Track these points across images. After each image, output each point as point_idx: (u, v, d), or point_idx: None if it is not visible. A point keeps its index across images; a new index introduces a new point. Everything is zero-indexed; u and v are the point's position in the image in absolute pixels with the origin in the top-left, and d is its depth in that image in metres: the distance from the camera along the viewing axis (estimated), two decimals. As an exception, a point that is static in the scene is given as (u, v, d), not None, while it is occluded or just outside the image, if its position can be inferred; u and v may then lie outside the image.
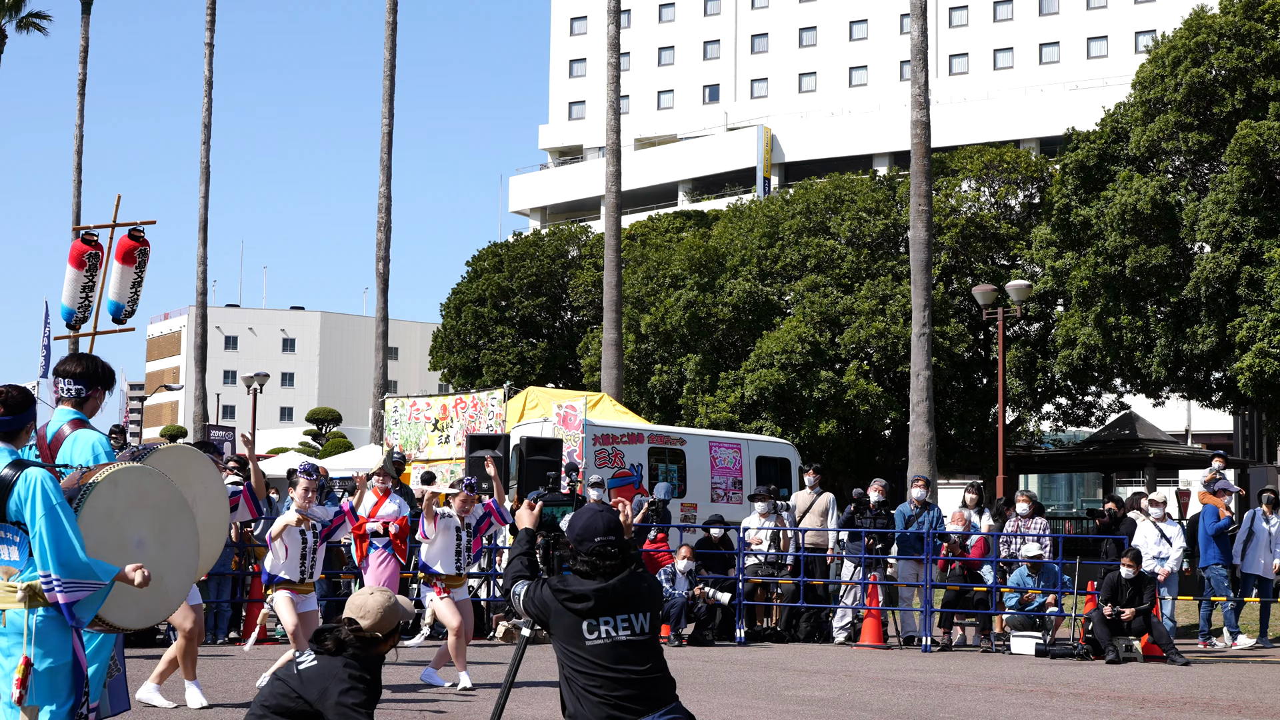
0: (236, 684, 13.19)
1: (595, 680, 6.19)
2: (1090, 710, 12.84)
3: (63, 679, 6.47)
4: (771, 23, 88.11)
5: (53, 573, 6.28)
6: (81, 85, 49.70)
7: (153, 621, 7.30)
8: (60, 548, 6.28)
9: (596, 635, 6.22)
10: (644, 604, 6.34)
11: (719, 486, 25.04)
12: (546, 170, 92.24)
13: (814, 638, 19.89)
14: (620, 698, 6.17)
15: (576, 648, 6.22)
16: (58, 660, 6.44)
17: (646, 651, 6.30)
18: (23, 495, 6.34)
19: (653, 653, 6.35)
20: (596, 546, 6.30)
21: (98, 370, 7.52)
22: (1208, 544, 19.84)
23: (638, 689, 6.23)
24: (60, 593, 6.30)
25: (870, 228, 40.01)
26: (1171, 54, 32.02)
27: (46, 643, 6.40)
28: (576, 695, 6.23)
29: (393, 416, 24.30)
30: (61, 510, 6.34)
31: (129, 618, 6.80)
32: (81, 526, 6.47)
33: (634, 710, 6.19)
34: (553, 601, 6.28)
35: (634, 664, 6.25)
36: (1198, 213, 31.06)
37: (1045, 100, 73.26)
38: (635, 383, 40.94)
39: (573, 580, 6.30)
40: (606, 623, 6.23)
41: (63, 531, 6.30)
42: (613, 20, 34.56)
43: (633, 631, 6.26)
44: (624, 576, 6.34)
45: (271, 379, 69.62)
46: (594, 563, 6.29)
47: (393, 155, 37.66)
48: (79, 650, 6.56)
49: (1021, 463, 41.90)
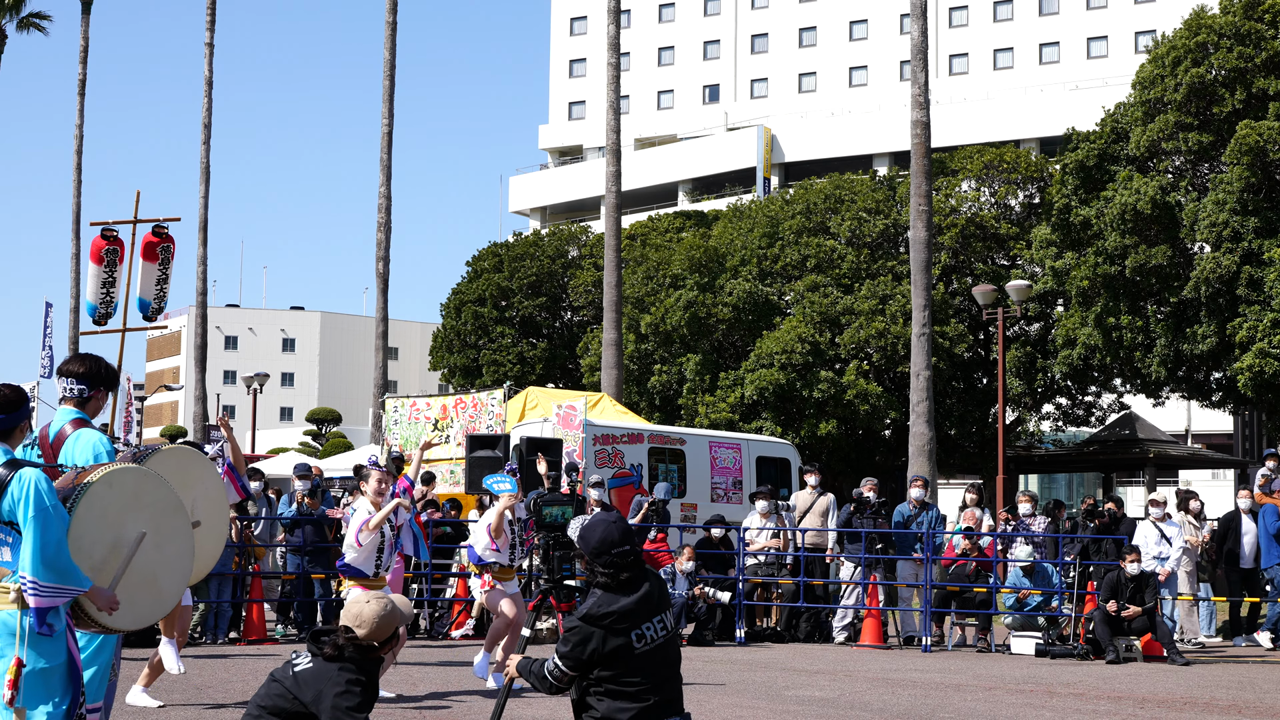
0: (236, 684, 13.19)
1: (646, 686, 6.27)
2: (1090, 710, 12.84)
3: (57, 680, 6.43)
4: (771, 23, 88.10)
5: (29, 575, 6.20)
6: (81, 85, 49.72)
7: (146, 623, 7.25)
8: (46, 551, 6.22)
9: (643, 643, 6.31)
10: (667, 602, 6.51)
11: (719, 486, 25.03)
12: (546, 170, 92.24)
13: (814, 638, 19.89)
14: (664, 695, 6.32)
15: (625, 662, 6.26)
16: (51, 662, 6.40)
17: (675, 645, 6.49)
18: (16, 496, 6.30)
19: (677, 645, 6.54)
20: (615, 558, 6.36)
21: (100, 371, 7.50)
22: (1270, 544, 19.78)
23: (674, 682, 6.41)
24: (35, 596, 6.22)
25: (870, 228, 40.01)
26: (1171, 54, 32.02)
27: (40, 644, 6.35)
28: (620, 705, 6.25)
29: (393, 417, 24.29)
30: (54, 512, 6.29)
31: (122, 619, 6.76)
32: (75, 526, 6.43)
33: (673, 698, 6.36)
34: (600, 632, 6.26)
35: (671, 660, 6.45)
36: (1198, 213, 31.06)
37: (1045, 100, 73.27)
38: (635, 383, 40.95)
39: (604, 600, 6.32)
40: (649, 629, 6.34)
41: (50, 535, 6.24)
42: (613, 20, 34.56)
43: (666, 630, 6.41)
44: (654, 580, 6.47)
45: (271, 379, 69.67)
46: (614, 575, 6.35)
47: (393, 155, 37.69)
48: (74, 651, 6.53)
49: (1021, 463, 41.89)
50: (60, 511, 6.36)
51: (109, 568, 6.64)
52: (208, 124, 42.67)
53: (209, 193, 42.37)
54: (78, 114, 49.77)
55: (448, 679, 13.93)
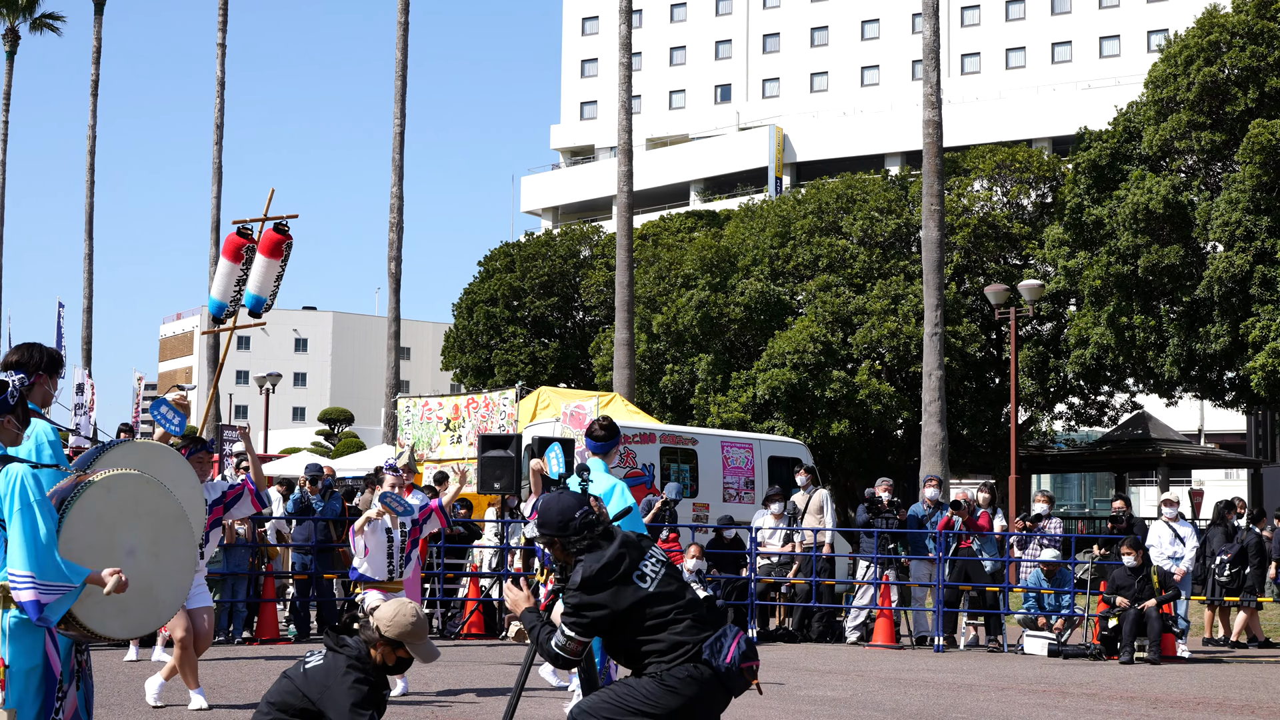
0: (249, 684, 13.21)
1: (679, 604, 6.26)
2: (1103, 710, 12.82)
3: (35, 682, 6.36)
4: (783, 22, 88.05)
5: (18, 570, 6.16)
6: (94, 86, 49.85)
7: (140, 632, 7.16)
8: (30, 546, 6.17)
9: (649, 581, 6.30)
10: (648, 541, 6.54)
11: (731, 486, 25.01)
12: (558, 170, 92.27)
13: (826, 638, 19.88)
14: (701, 608, 6.32)
15: (646, 602, 6.24)
16: (30, 662, 6.34)
17: (678, 572, 6.46)
18: (1, 491, 6.25)
19: (680, 574, 6.52)
20: (581, 521, 6.39)
21: (34, 357, 7.20)
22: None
23: (700, 600, 6.40)
24: (25, 591, 6.16)
25: (882, 227, 39.98)
26: (1184, 53, 31.97)
27: (20, 643, 6.30)
28: (674, 629, 6.22)
29: (405, 416, 24.32)
30: (39, 508, 6.22)
31: (113, 626, 6.62)
32: (68, 528, 6.34)
33: (711, 609, 6.36)
34: (605, 593, 6.23)
35: (686, 583, 6.44)
36: (1210, 212, 31.00)
37: (1057, 99, 73.16)
38: (647, 382, 40.96)
39: (592, 559, 6.29)
40: (646, 565, 6.33)
41: (35, 529, 6.18)
42: (624, 20, 34.57)
43: (662, 563, 6.39)
44: (624, 532, 6.50)
45: (284, 379, 69.75)
46: (590, 534, 6.37)
47: (404, 155, 37.73)
48: (51, 654, 6.44)
49: (1034, 462, 41.86)
50: (48, 507, 6.28)
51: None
52: (220, 124, 42.80)
53: (221, 193, 42.49)
54: (90, 114, 49.92)
55: (460, 677, 13.95)
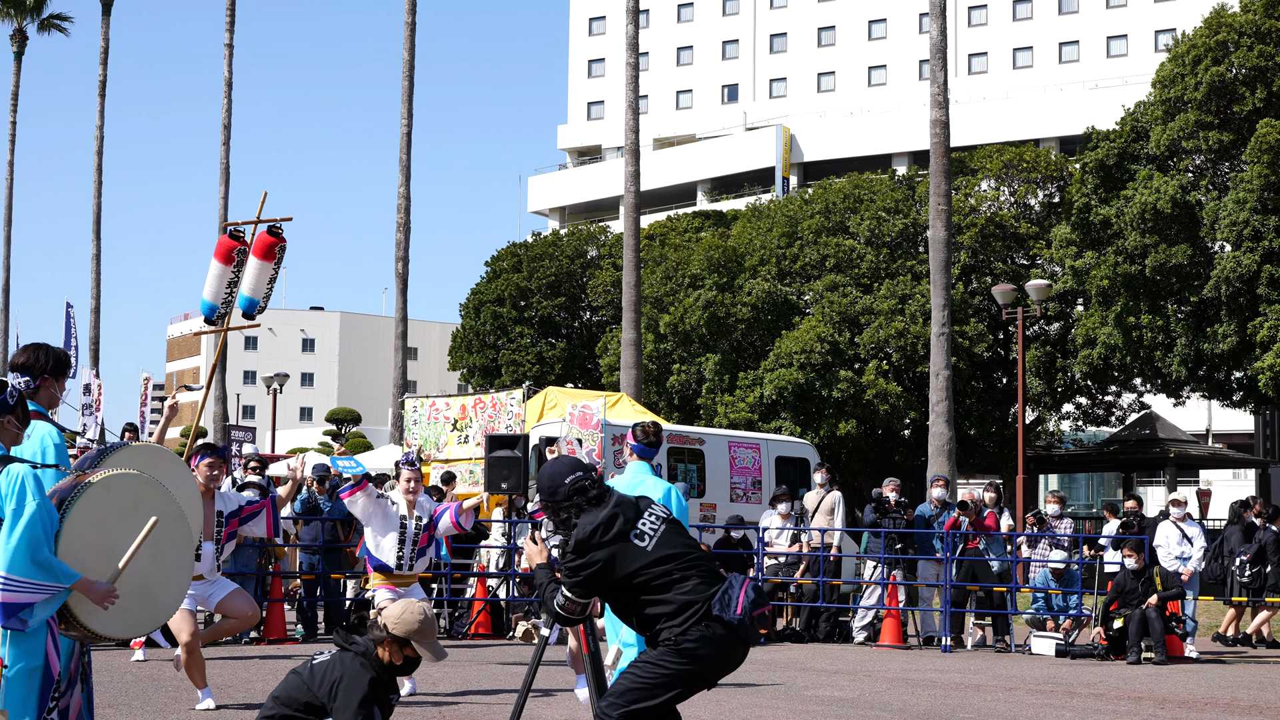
0: (257, 684, 13.22)
1: (681, 563, 6.18)
2: (1110, 711, 12.81)
3: (35, 683, 6.35)
4: (790, 22, 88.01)
5: (3, 570, 6.13)
6: (102, 86, 49.92)
7: (139, 633, 7.13)
8: (27, 545, 6.14)
9: (646, 539, 6.21)
10: (647, 500, 6.44)
11: (738, 486, 25.01)
12: (565, 170, 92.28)
13: (833, 638, 19.87)
14: (701, 570, 6.23)
15: (645, 565, 6.17)
16: (30, 664, 6.32)
17: (681, 528, 6.38)
18: (4, 491, 6.24)
19: (684, 529, 6.45)
20: (573, 486, 6.30)
21: (40, 359, 7.16)
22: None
23: (705, 558, 6.33)
24: (9, 592, 6.13)
25: (889, 227, 39.96)
26: (1192, 52, 31.93)
27: (21, 644, 6.29)
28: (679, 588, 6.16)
29: (412, 416, 24.32)
30: (38, 508, 6.21)
31: (112, 627, 6.59)
32: (66, 528, 6.33)
33: (714, 577, 6.26)
34: (601, 553, 6.16)
35: (689, 542, 6.35)
36: (1218, 212, 30.96)
37: (1065, 99, 73.08)
38: (654, 383, 40.96)
39: (586, 520, 6.22)
40: (643, 524, 6.25)
41: (32, 528, 6.16)
42: (631, 20, 34.57)
43: (662, 519, 6.29)
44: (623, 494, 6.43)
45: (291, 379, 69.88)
46: (583, 496, 6.29)
47: (411, 155, 37.70)
48: (52, 656, 6.42)
49: (1041, 463, 41.80)
50: (47, 507, 6.26)
51: (101, 572, 6.46)
52: (227, 124, 42.84)
53: (228, 193, 42.54)
54: (98, 115, 49.98)
55: (467, 678, 13.95)
